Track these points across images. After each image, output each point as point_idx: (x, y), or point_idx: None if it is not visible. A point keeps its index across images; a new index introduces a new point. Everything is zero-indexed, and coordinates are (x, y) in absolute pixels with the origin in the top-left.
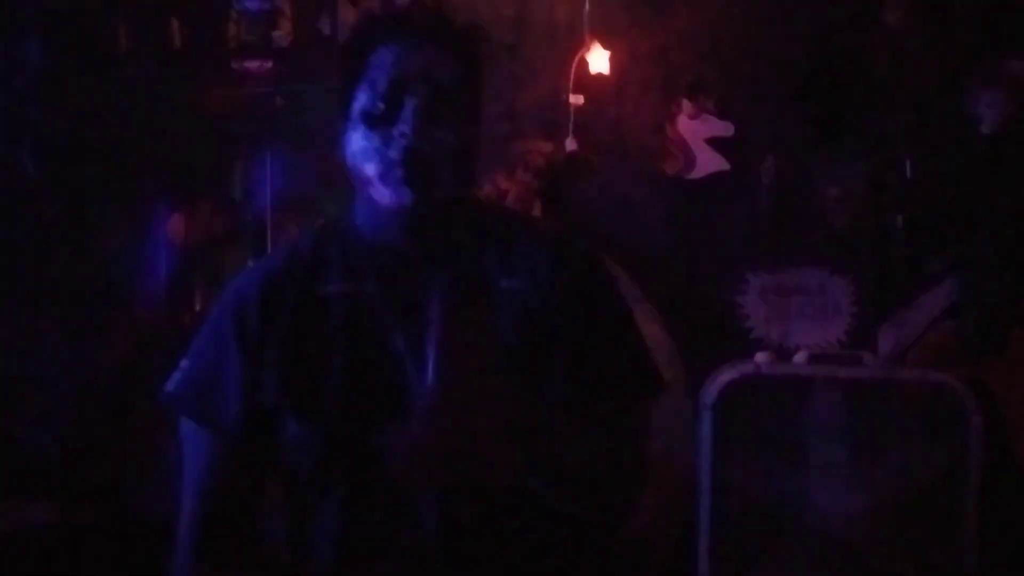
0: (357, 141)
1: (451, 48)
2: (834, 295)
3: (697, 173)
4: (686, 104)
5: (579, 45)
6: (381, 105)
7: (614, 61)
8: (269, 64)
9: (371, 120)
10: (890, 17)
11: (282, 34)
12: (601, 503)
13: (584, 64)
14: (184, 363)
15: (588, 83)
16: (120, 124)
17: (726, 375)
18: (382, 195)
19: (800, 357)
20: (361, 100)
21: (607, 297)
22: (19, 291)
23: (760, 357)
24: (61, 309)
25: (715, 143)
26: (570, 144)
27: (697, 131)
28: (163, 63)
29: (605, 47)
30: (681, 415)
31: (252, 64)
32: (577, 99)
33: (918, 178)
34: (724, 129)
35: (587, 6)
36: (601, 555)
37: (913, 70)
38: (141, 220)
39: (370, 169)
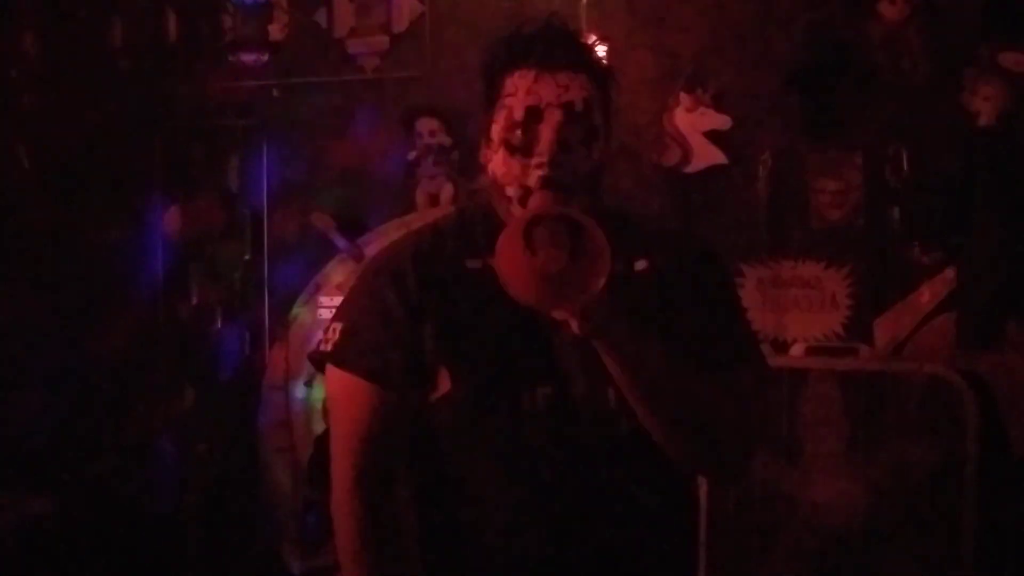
0: (498, 164)
1: (582, 71)
2: (830, 288)
3: (694, 166)
4: (683, 97)
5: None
6: (518, 133)
7: (611, 54)
8: (265, 57)
9: (510, 148)
10: (887, 10)
11: (278, 27)
12: (718, 461)
13: None
14: (337, 326)
15: None
16: (116, 117)
17: None
18: (520, 210)
19: (797, 349)
20: (499, 123)
21: (721, 283)
22: (15, 284)
23: None
24: (58, 302)
25: (712, 136)
26: None
27: (694, 124)
28: (159, 56)
29: (602, 41)
30: None
31: (248, 57)
32: None
33: (914, 171)
34: (721, 122)
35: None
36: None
37: (910, 63)
38: (137, 213)
39: (510, 191)
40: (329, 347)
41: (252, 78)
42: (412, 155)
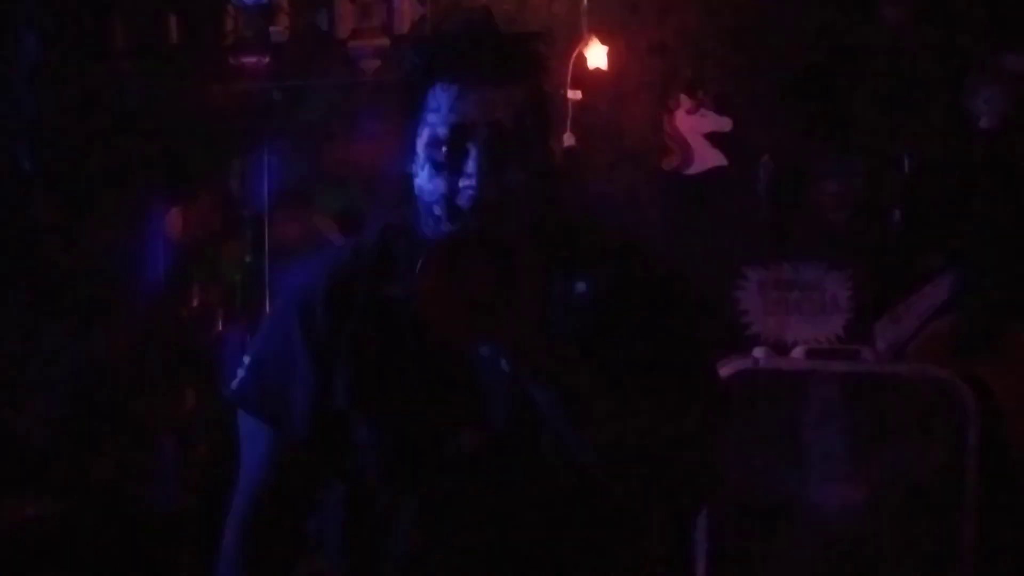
0: (424, 179)
1: (511, 80)
2: (832, 290)
3: (695, 168)
4: (684, 99)
5: (577, 40)
6: (444, 150)
7: (612, 56)
8: (267, 59)
9: (435, 165)
10: (889, 12)
11: (279, 29)
12: (668, 498)
13: (582, 59)
14: (247, 359)
15: (586, 78)
16: (117, 120)
17: (724, 370)
18: (450, 228)
19: (798, 352)
20: (423, 138)
21: (674, 307)
22: (17, 287)
23: (758, 352)
24: (59, 305)
25: (713, 138)
26: (568, 139)
27: (695, 126)
28: (160, 58)
29: (603, 42)
30: None
31: (249, 59)
32: (575, 94)
33: (916, 174)
34: (722, 124)
35: (585, 1)
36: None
37: (912, 65)
38: (139, 215)
39: (438, 209)
40: (235, 384)
41: (253, 80)
42: (407, 160)
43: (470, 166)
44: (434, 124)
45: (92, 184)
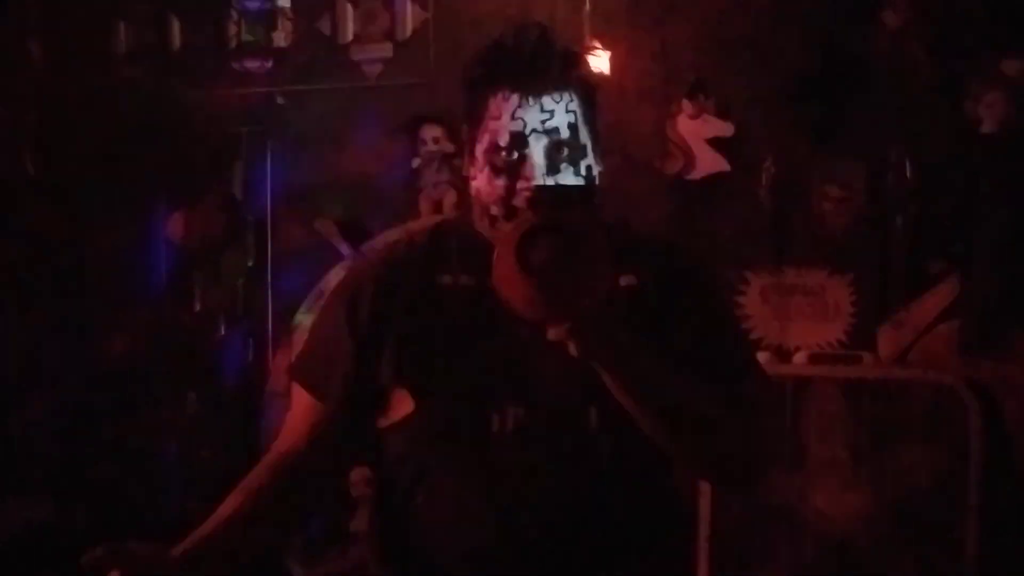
0: (483, 182)
1: (567, 90)
2: (834, 295)
3: (697, 173)
4: (686, 104)
5: (579, 45)
6: (503, 155)
7: (615, 62)
8: (269, 64)
9: (495, 168)
10: (890, 18)
11: (282, 34)
12: (730, 472)
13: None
14: (306, 338)
15: None
16: (120, 124)
17: None
18: (505, 226)
19: (800, 357)
20: (483, 144)
21: (711, 297)
22: (19, 291)
23: (760, 357)
24: (62, 308)
25: (715, 143)
26: None
27: (697, 131)
28: (163, 63)
29: (605, 47)
30: None
31: (252, 64)
32: None
33: (918, 179)
34: (724, 129)
35: (587, 6)
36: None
37: (913, 71)
38: (141, 219)
39: (495, 211)
40: (294, 357)
41: (256, 85)
42: (416, 162)
43: (528, 171)
44: (495, 131)
45: (95, 188)
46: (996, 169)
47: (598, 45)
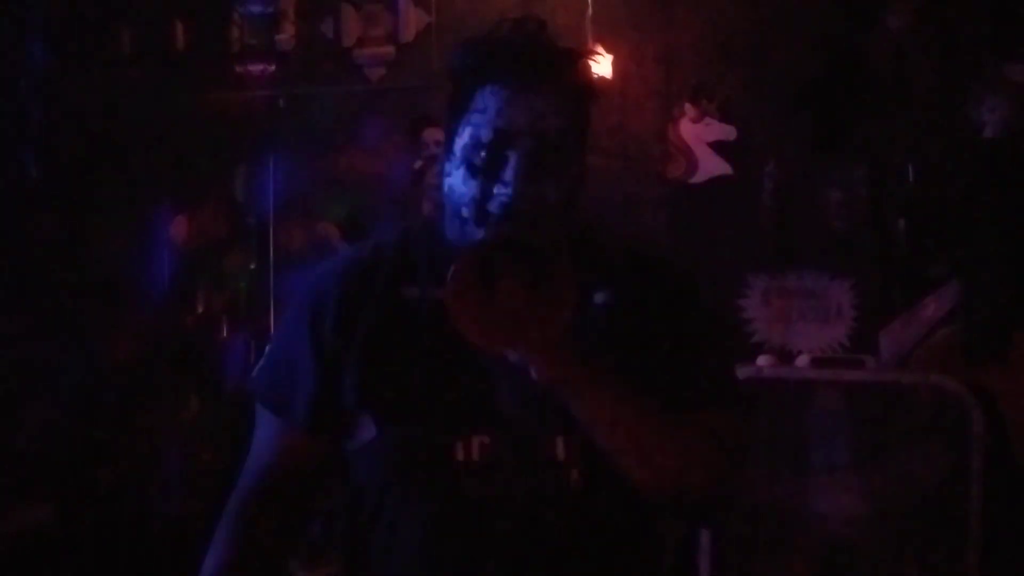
0: (457, 180)
1: (560, 91)
2: (836, 298)
3: (700, 177)
4: (689, 108)
5: (581, 49)
6: (483, 155)
7: (617, 65)
8: (272, 67)
9: (472, 168)
10: (893, 22)
11: (285, 37)
12: (688, 499)
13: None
14: (267, 349)
15: None
16: (123, 127)
17: None
18: (475, 232)
19: (802, 360)
20: (463, 138)
21: (693, 315)
22: (22, 294)
23: (762, 360)
24: (64, 311)
25: (718, 147)
26: None
27: (700, 135)
28: (166, 66)
29: (607, 51)
30: None
31: (255, 67)
32: None
33: (920, 182)
34: (727, 133)
35: (590, 10)
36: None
37: (916, 75)
38: (144, 222)
39: (466, 212)
40: (254, 372)
41: (259, 88)
42: (418, 165)
43: (508, 174)
44: (478, 125)
45: (98, 191)
46: (998, 173)
47: (600, 49)
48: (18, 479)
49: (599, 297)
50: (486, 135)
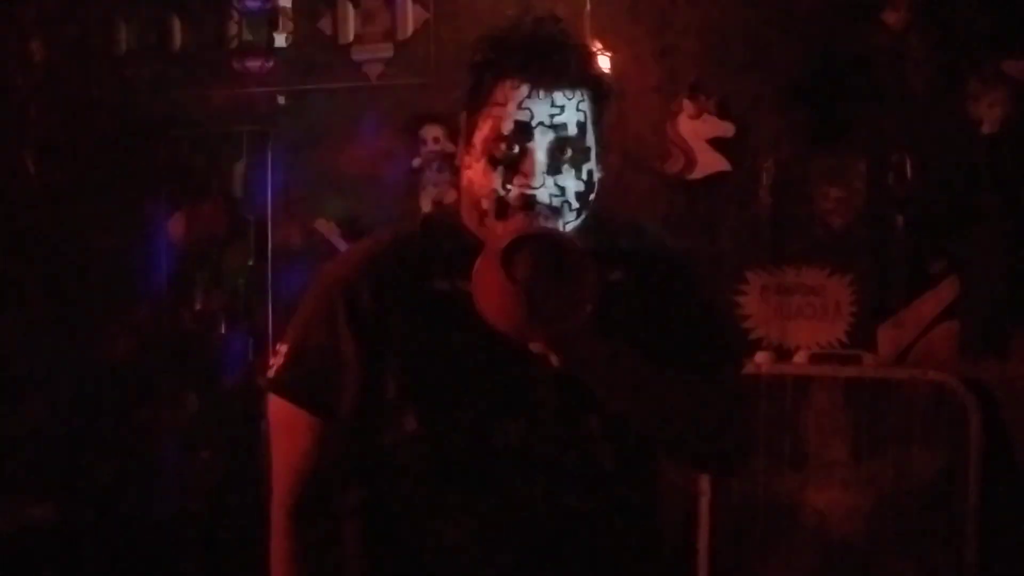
0: (477, 172)
1: (580, 87)
2: (834, 295)
3: (698, 173)
4: (687, 104)
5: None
6: (503, 147)
7: (615, 62)
8: (270, 64)
9: (493, 160)
10: (891, 17)
11: (283, 34)
12: (717, 458)
13: None
14: (283, 348)
15: None
16: (121, 124)
17: None
18: (495, 225)
19: (800, 357)
20: (484, 131)
21: (694, 284)
22: (20, 290)
23: (760, 357)
24: (62, 308)
25: (716, 143)
26: None
27: (698, 131)
28: (164, 63)
29: (606, 47)
30: None
31: (253, 64)
32: None
33: (918, 178)
34: (725, 129)
35: (588, 6)
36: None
37: (914, 70)
38: (142, 219)
39: (486, 204)
40: (272, 372)
41: (257, 85)
42: (416, 162)
43: (527, 167)
44: (499, 118)
45: (96, 188)
46: (997, 169)
47: (599, 45)
48: (17, 476)
49: (613, 275)
50: (507, 127)
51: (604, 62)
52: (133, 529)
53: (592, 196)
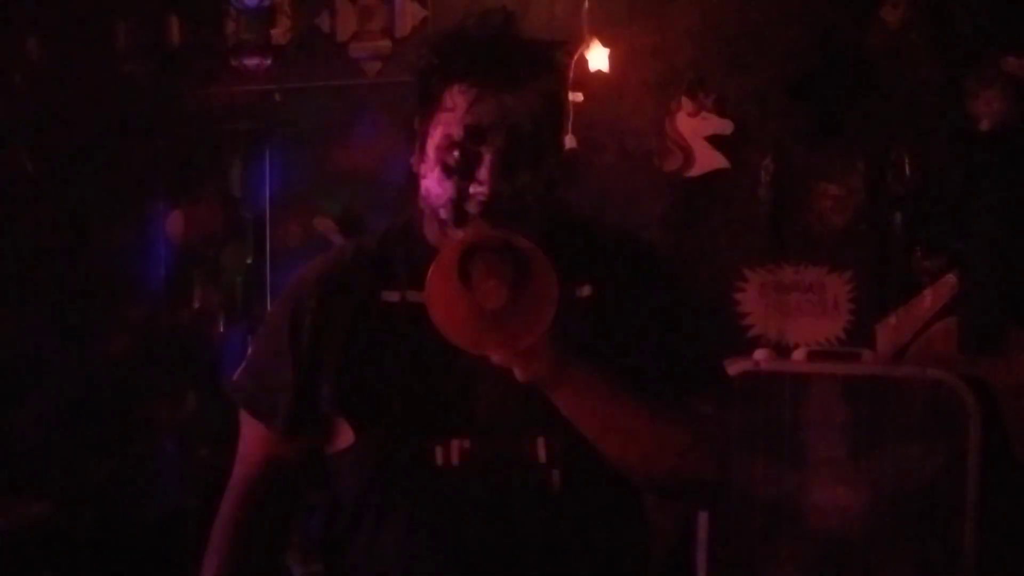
0: (432, 181)
1: (531, 88)
2: (832, 292)
3: (696, 171)
4: (685, 102)
5: (578, 42)
6: (456, 154)
7: (613, 58)
8: (268, 61)
9: (446, 168)
10: (890, 15)
11: (280, 31)
12: (683, 488)
13: (583, 61)
14: (248, 352)
15: (587, 80)
16: (119, 122)
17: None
18: (455, 233)
19: (799, 354)
20: (435, 138)
21: (671, 301)
22: (18, 289)
23: (759, 354)
24: (60, 307)
25: (714, 141)
26: (569, 142)
27: (696, 129)
28: (162, 61)
29: (604, 44)
30: None
31: (251, 61)
32: (576, 96)
33: (917, 176)
34: (723, 127)
35: (586, 3)
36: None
37: (912, 68)
38: (140, 217)
39: (444, 213)
40: (235, 376)
41: (255, 82)
42: (414, 159)
43: (482, 172)
44: (448, 124)
45: (93, 186)
46: (995, 167)
47: (597, 42)
48: (16, 475)
49: (582, 291)
50: (457, 133)
51: (599, 58)
52: (131, 527)
53: (552, 195)
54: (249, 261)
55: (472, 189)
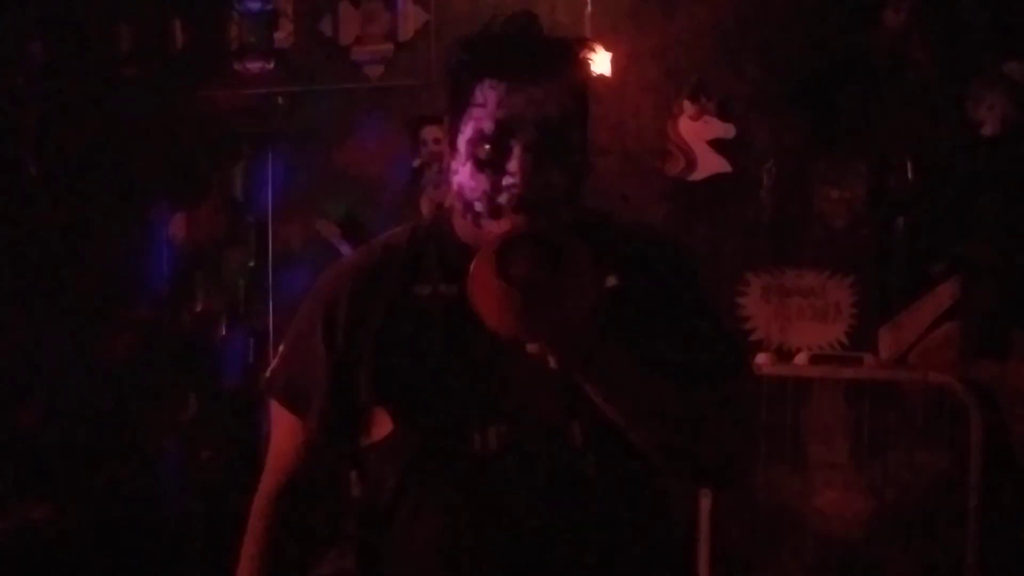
0: (465, 176)
1: (559, 81)
2: (835, 296)
3: (698, 175)
4: (688, 106)
5: (575, 39)
6: (487, 148)
7: (615, 62)
8: (271, 65)
9: (478, 162)
10: (892, 19)
11: (283, 35)
12: (716, 472)
13: None
14: (281, 348)
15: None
16: (122, 125)
17: None
18: (491, 225)
19: (801, 358)
20: (466, 134)
21: (695, 289)
22: (21, 291)
23: (761, 358)
24: (63, 309)
25: (717, 145)
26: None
27: (699, 133)
28: (165, 64)
29: (607, 48)
30: None
31: (254, 65)
32: None
33: (919, 180)
34: (726, 131)
35: (589, 7)
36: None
37: (914, 72)
38: (143, 220)
39: (479, 207)
40: (268, 372)
41: (257, 86)
42: (417, 163)
43: (513, 164)
44: (480, 119)
45: (96, 189)
46: (997, 171)
47: (599, 47)
48: (18, 477)
49: (609, 281)
50: (488, 127)
51: (601, 62)
52: (134, 530)
53: (581, 190)
54: (251, 264)
55: (504, 182)
